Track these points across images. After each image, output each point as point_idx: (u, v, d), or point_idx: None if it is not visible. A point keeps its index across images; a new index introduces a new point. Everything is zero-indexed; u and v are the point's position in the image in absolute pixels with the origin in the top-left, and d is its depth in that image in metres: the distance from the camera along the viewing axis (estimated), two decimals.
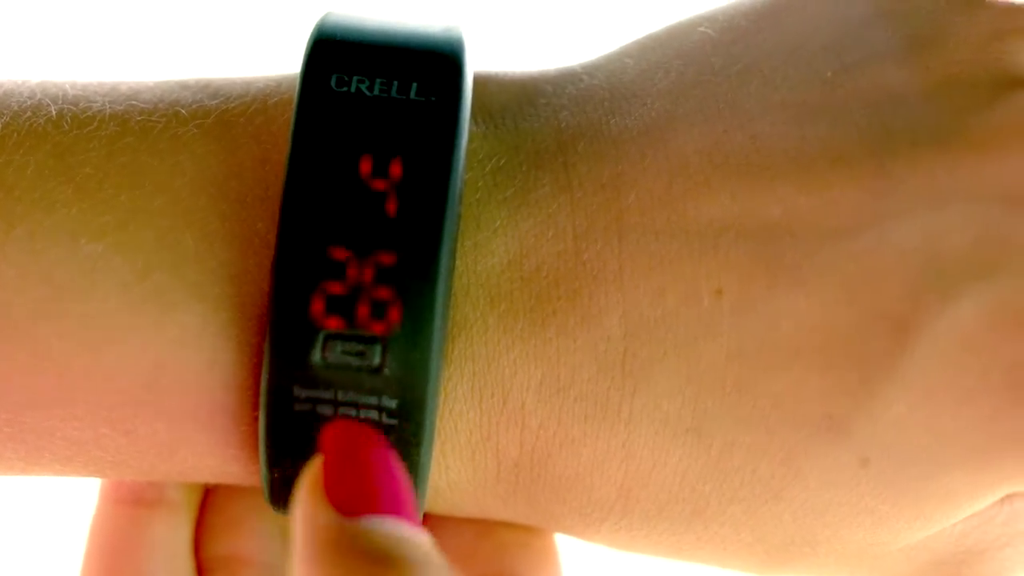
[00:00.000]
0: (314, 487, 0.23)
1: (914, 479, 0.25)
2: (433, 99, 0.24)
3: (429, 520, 0.29)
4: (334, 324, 0.23)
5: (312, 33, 0.25)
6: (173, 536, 0.29)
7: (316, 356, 0.23)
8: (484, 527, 0.28)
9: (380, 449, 0.23)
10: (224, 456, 0.25)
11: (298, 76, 0.24)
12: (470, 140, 0.25)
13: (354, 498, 0.22)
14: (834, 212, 0.24)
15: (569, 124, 0.26)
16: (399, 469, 0.23)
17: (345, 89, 0.24)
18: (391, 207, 0.23)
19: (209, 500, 0.30)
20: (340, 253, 0.23)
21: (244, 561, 0.29)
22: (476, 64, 0.26)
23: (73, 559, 0.30)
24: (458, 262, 0.25)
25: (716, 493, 0.25)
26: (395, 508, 0.22)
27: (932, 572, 0.27)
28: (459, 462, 0.25)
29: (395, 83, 0.24)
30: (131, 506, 0.29)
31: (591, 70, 0.27)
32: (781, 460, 0.25)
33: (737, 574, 0.28)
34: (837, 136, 0.25)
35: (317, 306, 0.23)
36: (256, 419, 0.24)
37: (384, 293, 0.23)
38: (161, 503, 0.29)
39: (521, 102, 0.26)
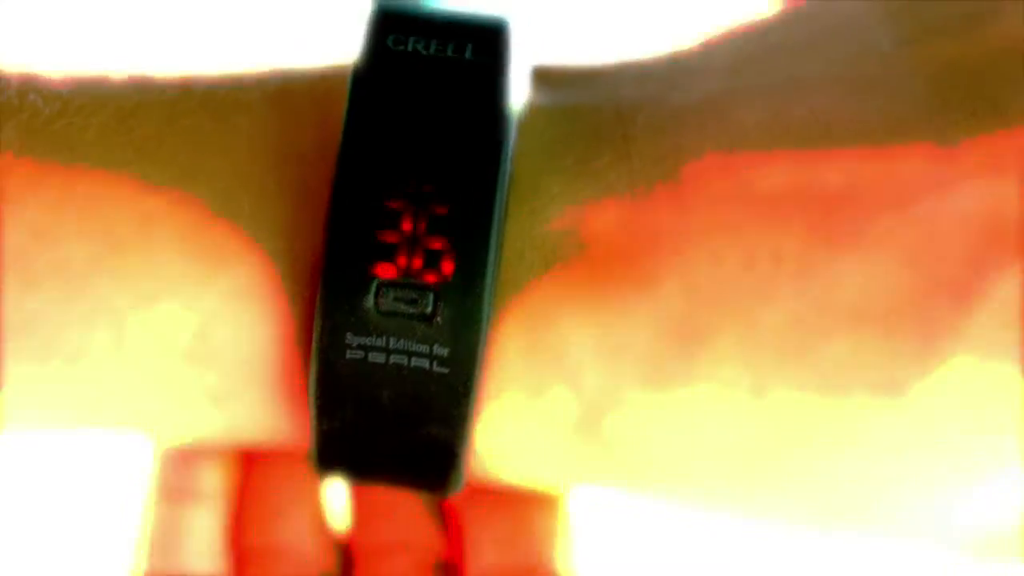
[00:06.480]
0: None
1: (976, 442, 0.24)
2: (487, 60, 0.25)
3: (467, 507, 0.29)
4: (388, 273, 0.24)
5: (372, 8, 0.26)
6: (208, 527, 0.29)
7: (370, 302, 0.24)
8: (520, 519, 0.28)
9: None
10: (275, 411, 0.26)
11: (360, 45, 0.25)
12: (531, 111, 0.26)
13: None
14: (894, 180, 0.24)
15: (629, 98, 0.26)
16: None
17: (402, 48, 0.25)
18: (445, 160, 0.24)
19: (245, 491, 0.30)
20: (396, 204, 0.24)
21: (279, 552, 0.29)
22: (521, 37, 0.26)
23: (118, 552, 0.30)
24: (513, 226, 0.25)
25: (773, 456, 0.25)
26: None
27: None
28: (511, 423, 0.25)
29: (450, 44, 0.25)
30: (167, 499, 0.29)
31: (650, 51, 0.27)
32: (840, 423, 0.24)
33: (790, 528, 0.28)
34: (896, 107, 0.25)
35: (372, 254, 0.24)
36: (308, 371, 0.24)
37: (438, 244, 0.24)
38: (196, 494, 0.29)
39: (582, 78, 0.27)
